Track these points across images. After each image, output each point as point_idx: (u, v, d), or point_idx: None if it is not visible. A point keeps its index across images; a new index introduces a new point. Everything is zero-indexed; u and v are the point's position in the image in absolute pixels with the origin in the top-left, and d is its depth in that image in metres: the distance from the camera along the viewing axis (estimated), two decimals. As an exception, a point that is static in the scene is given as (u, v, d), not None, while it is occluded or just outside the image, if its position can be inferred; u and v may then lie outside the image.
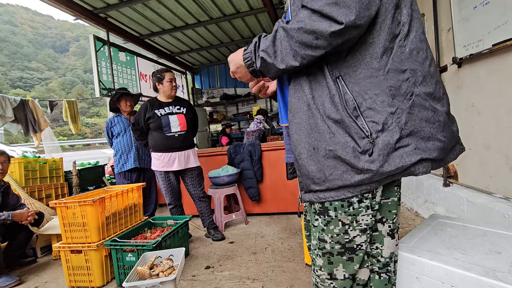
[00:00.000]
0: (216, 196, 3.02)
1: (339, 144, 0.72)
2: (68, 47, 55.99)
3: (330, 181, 0.75)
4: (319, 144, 0.74)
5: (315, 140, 0.75)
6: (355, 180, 0.72)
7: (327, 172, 0.74)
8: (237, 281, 1.93)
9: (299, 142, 0.78)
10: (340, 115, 0.72)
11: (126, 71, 4.93)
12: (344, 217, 0.78)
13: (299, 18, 0.70)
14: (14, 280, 2.19)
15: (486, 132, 1.96)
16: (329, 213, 0.79)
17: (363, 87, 0.72)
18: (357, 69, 0.73)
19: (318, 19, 0.67)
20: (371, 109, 0.71)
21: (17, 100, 4.18)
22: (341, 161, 0.72)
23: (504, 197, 1.83)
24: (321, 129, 0.74)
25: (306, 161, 0.77)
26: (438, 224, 1.18)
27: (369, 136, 0.70)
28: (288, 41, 0.71)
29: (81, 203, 2.02)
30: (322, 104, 0.74)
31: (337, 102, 0.72)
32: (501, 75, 1.77)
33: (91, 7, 4.12)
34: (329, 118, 0.73)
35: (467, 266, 0.83)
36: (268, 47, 0.75)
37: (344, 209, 0.77)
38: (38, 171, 3.42)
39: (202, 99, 7.64)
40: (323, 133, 0.74)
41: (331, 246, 0.81)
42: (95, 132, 31.14)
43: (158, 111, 2.61)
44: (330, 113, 0.73)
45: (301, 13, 0.70)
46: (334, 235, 0.80)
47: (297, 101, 0.78)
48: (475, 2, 1.89)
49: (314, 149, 0.75)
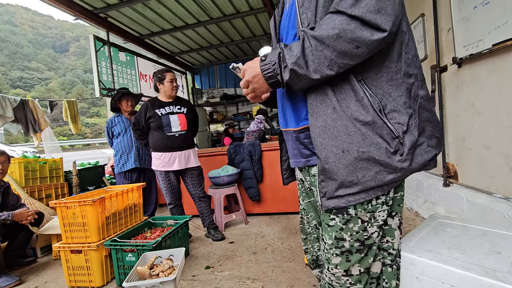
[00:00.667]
0: (216, 196, 3.02)
1: (372, 145, 0.72)
2: (68, 47, 55.98)
3: (362, 183, 0.74)
4: (350, 147, 0.73)
5: (345, 142, 0.73)
6: (387, 180, 0.74)
7: (360, 174, 0.74)
8: (237, 281, 1.93)
9: (325, 145, 0.76)
10: (371, 117, 0.72)
11: (126, 71, 4.93)
12: (363, 214, 0.79)
13: (333, 25, 0.67)
14: (14, 280, 2.19)
15: (486, 132, 1.96)
16: (348, 211, 0.79)
17: (386, 90, 0.74)
18: (379, 72, 0.75)
19: (359, 27, 0.65)
20: (395, 111, 0.74)
21: (17, 100, 4.18)
22: (375, 162, 0.73)
23: (504, 197, 1.83)
24: (351, 132, 0.73)
25: (334, 165, 0.75)
26: (438, 224, 1.18)
27: (398, 137, 0.73)
28: (322, 51, 0.68)
29: (81, 203, 2.02)
30: (347, 106, 0.73)
31: (366, 105, 0.72)
32: (501, 75, 1.77)
33: (91, 7, 4.12)
34: (358, 121, 0.72)
35: (467, 266, 0.83)
36: (299, 58, 0.71)
37: (364, 207, 0.79)
38: (38, 171, 3.42)
39: (202, 99, 7.63)
40: (354, 136, 0.73)
41: (350, 244, 0.81)
42: (95, 132, 31.14)
43: (158, 111, 2.61)
44: (358, 115, 0.72)
45: (334, 19, 0.67)
46: (354, 233, 0.80)
47: (320, 104, 0.76)
48: (475, 2, 1.89)
49: (344, 152, 0.74)
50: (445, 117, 2.46)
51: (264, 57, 0.78)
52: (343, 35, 0.66)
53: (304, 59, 0.70)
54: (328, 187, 0.77)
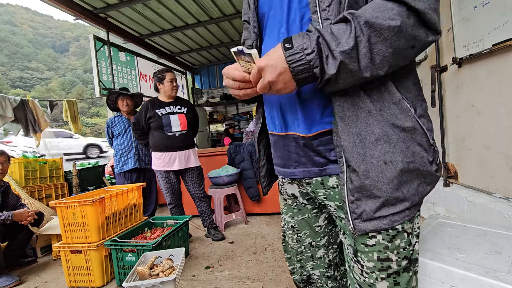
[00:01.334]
0: (216, 196, 3.02)
1: (415, 154, 0.63)
2: (68, 47, 55.99)
3: (408, 199, 0.63)
4: (394, 157, 0.61)
5: (386, 152, 0.62)
6: (426, 192, 0.66)
7: (405, 189, 0.63)
8: (237, 281, 1.93)
9: (363, 156, 0.62)
10: (411, 122, 0.63)
11: (126, 71, 4.93)
12: (408, 226, 0.67)
13: (392, 15, 0.53)
14: (14, 280, 2.19)
15: (486, 132, 1.96)
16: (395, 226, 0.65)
17: (414, 93, 0.67)
18: (408, 74, 0.67)
19: (417, 24, 0.54)
20: (423, 116, 0.67)
21: (17, 100, 4.18)
22: (418, 173, 0.64)
23: (504, 197, 1.83)
24: (393, 139, 0.62)
25: (377, 179, 0.61)
26: (438, 224, 1.18)
27: (433, 145, 0.66)
28: (377, 44, 0.54)
29: (81, 203, 2.02)
30: (383, 110, 0.62)
31: (406, 108, 0.63)
32: (501, 75, 1.77)
33: (91, 7, 4.12)
34: (396, 126, 0.62)
35: (467, 266, 0.83)
36: (352, 48, 0.54)
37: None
38: (38, 171, 3.42)
39: (202, 99, 7.64)
40: (396, 144, 0.62)
41: (398, 264, 0.66)
42: (95, 132, 31.15)
43: (159, 111, 2.61)
44: (396, 120, 0.62)
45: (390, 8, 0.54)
46: (401, 250, 0.66)
47: (351, 106, 0.62)
48: (475, 2, 1.89)
49: (386, 164, 0.61)
50: (445, 117, 2.46)
51: (289, 43, 0.57)
52: (404, 30, 0.53)
53: (356, 51, 0.54)
54: (367, 207, 0.63)
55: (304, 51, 0.55)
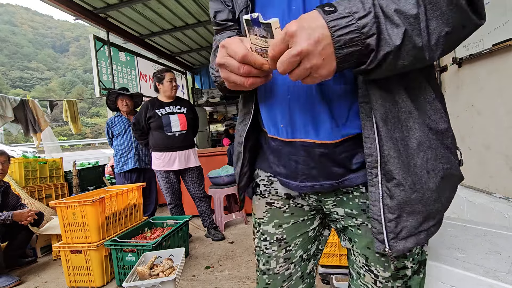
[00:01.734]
0: (216, 196, 3.02)
1: (449, 159, 0.57)
2: (68, 47, 56.00)
3: (445, 208, 0.58)
4: (435, 164, 0.54)
5: (429, 160, 0.54)
6: (453, 196, 0.60)
7: (443, 197, 0.57)
8: (237, 281, 1.93)
9: (408, 167, 0.53)
10: (445, 124, 0.57)
11: (126, 71, 4.93)
12: None
13: None
14: (14, 280, 2.19)
15: (486, 132, 1.96)
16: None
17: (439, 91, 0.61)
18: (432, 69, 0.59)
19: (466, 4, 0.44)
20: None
21: (17, 100, 4.18)
22: (451, 178, 0.58)
23: (504, 197, 1.83)
24: (433, 144, 0.54)
25: (422, 192, 0.53)
26: (438, 224, 1.18)
27: (459, 148, 0.61)
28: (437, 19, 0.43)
29: (81, 203, 2.02)
30: (420, 110, 0.54)
31: (439, 109, 0.56)
32: (501, 75, 1.77)
33: (91, 7, 4.12)
34: (431, 129, 0.55)
35: (467, 266, 0.83)
36: (416, 17, 0.41)
37: None
38: (38, 171, 3.42)
39: (202, 99, 7.63)
40: (436, 149, 0.55)
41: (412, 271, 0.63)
42: (95, 132, 31.18)
43: (159, 111, 2.61)
44: (430, 122, 0.55)
45: None
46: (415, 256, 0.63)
47: (393, 106, 0.51)
48: (475, 2, 1.89)
49: (429, 173, 0.54)
50: (445, 117, 2.46)
51: (331, 6, 0.42)
52: (458, 4, 0.43)
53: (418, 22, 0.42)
54: (408, 223, 0.53)
55: (353, 15, 0.41)
